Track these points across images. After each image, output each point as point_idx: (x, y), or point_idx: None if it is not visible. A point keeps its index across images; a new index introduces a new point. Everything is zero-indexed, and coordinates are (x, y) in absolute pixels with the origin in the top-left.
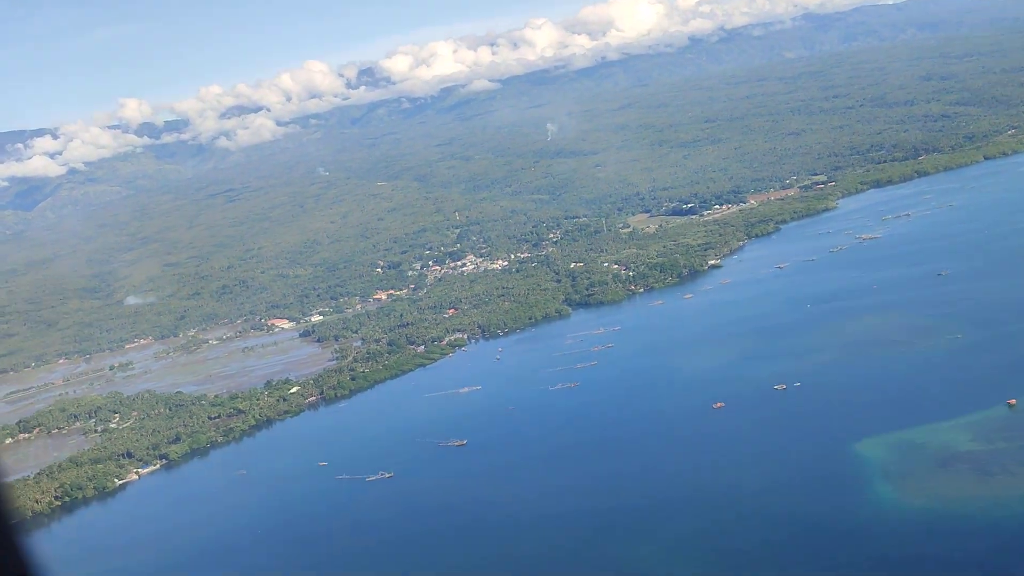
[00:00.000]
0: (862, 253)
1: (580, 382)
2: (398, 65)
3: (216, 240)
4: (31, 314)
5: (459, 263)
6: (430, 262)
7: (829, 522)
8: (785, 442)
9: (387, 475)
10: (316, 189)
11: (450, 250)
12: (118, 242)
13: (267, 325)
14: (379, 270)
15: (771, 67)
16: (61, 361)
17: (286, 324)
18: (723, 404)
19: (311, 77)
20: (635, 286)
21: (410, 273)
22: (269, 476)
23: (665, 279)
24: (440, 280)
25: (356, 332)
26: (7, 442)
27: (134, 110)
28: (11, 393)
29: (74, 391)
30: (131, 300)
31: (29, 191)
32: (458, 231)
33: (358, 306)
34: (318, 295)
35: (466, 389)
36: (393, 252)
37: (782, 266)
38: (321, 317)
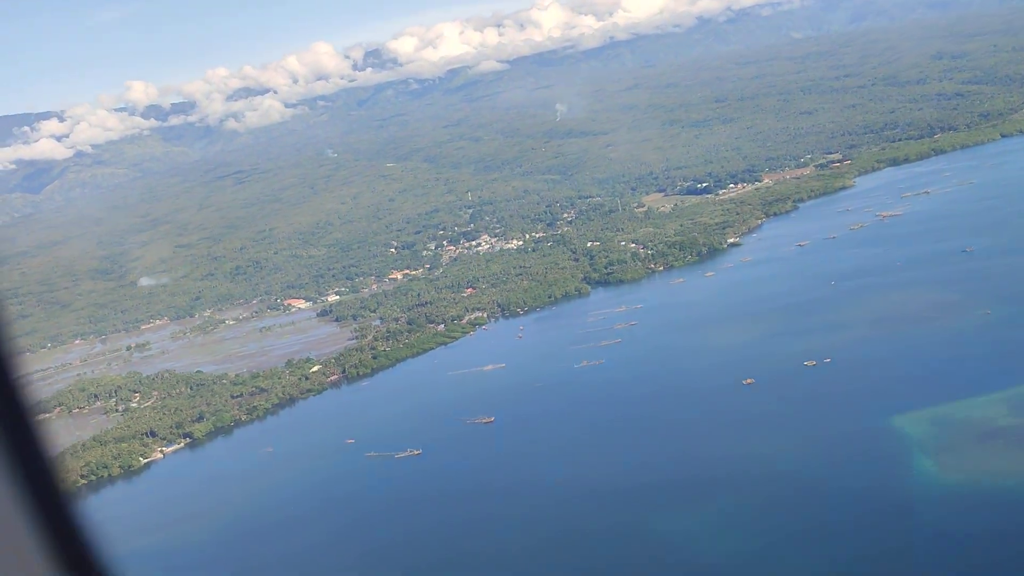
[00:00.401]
0: (883, 230)
1: (605, 360)
2: (404, 47)
3: (227, 222)
4: (44, 295)
5: (473, 243)
6: (444, 242)
7: (875, 496)
8: (820, 418)
9: (415, 452)
10: (325, 170)
11: (464, 230)
12: (128, 224)
13: (283, 305)
14: (393, 250)
15: (779, 47)
16: (77, 342)
17: (302, 304)
18: (753, 380)
19: (317, 59)
20: (654, 264)
21: (424, 253)
22: (297, 454)
23: (684, 257)
24: (455, 260)
25: (374, 311)
26: None
27: (140, 92)
28: (29, 373)
29: (92, 371)
30: (145, 281)
31: (36, 174)
32: (471, 211)
33: (374, 286)
34: (333, 275)
35: (490, 367)
36: (406, 232)
37: (803, 244)
38: (337, 297)
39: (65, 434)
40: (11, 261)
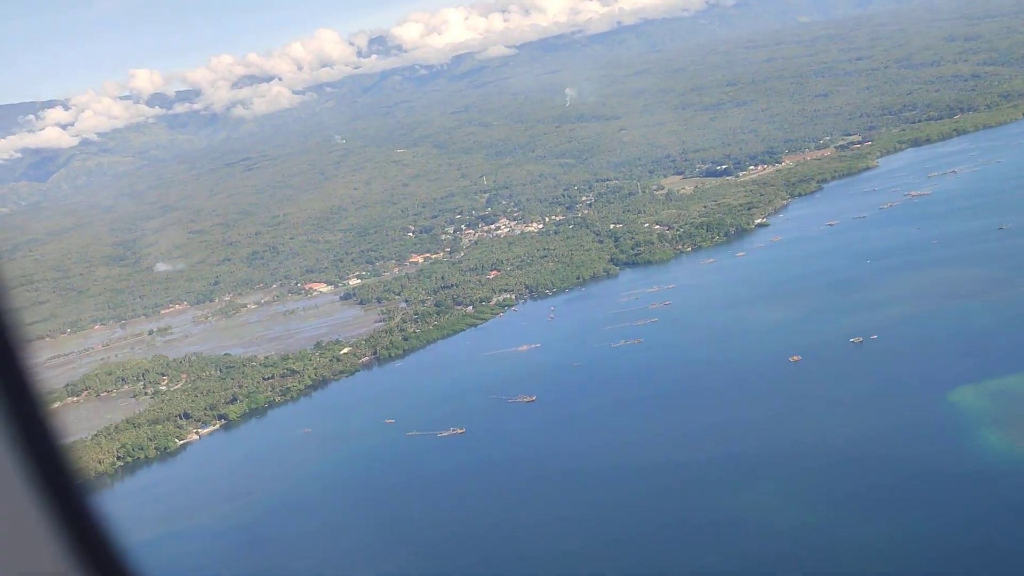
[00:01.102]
0: (914, 209)
1: (644, 339)
2: (409, 33)
3: (239, 208)
4: (60, 281)
5: (492, 226)
6: (463, 226)
7: (940, 467)
8: (875, 392)
9: (459, 431)
10: (335, 157)
11: (481, 214)
12: (138, 211)
13: (304, 289)
14: (411, 234)
15: (787, 31)
16: (96, 327)
17: (324, 288)
18: (799, 357)
19: (322, 46)
20: (682, 245)
21: (443, 237)
22: (337, 434)
23: (712, 238)
24: (476, 243)
25: (398, 294)
26: (56, 405)
27: (145, 80)
28: (51, 358)
29: (115, 355)
30: (161, 267)
31: (42, 162)
32: (487, 195)
33: (395, 269)
34: (352, 259)
35: (525, 347)
36: (423, 217)
37: (833, 223)
38: (359, 280)
39: (94, 417)
40: (23, 248)
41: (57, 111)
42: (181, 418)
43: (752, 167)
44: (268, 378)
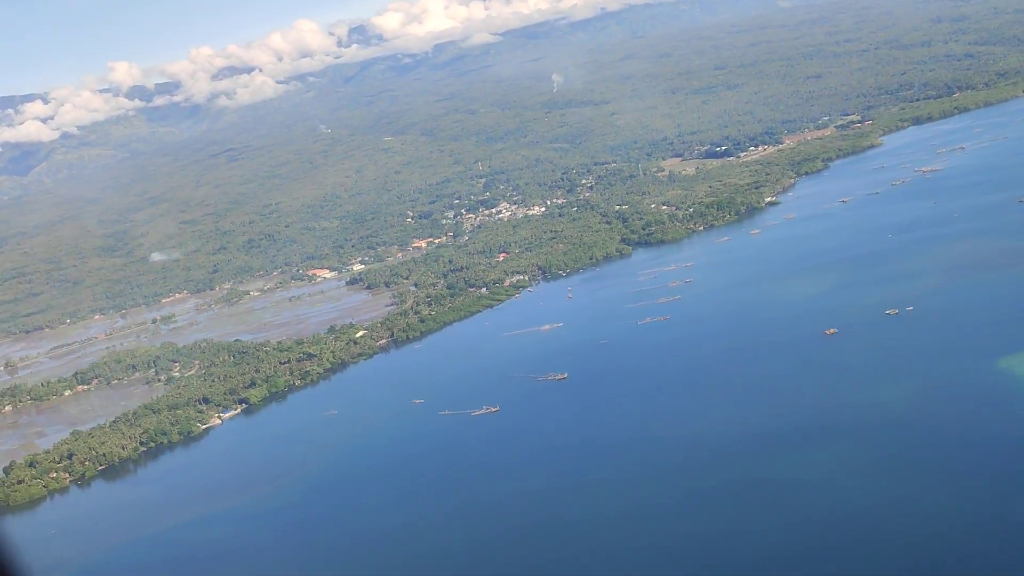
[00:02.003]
0: (927, 185)
1: (670, 315)
2: (389, 22)
3: (229, 197)
4: (53, 273)
5: (493, 210)
6: (463, 210)
7: (1001, 433)
8: (922, 363)
9: (493, 409)
10: (321, 146)
11: (481, 198)
12: (125, 203)
13: (308, 275)
14: (410, 220)
15: (769, 16)
16: (97, 317)
17: (328, 274)
18: (835, 330)
19: (302, 36)
20: (694, 224)
21: (444, 222)
22: (364, 415)
23: (723, 217)
24: (479, 227)
25: (406, 278)
26: (66, 394)
27: (124, 73)
28: (54, 348)
29: (120, 344)
30: (156, 256)
31: (23, 156)
32: (483, 180)
33: (399, 254)
34: (352, 245)
35: (547, 327)
36: (420, 202)
37: (846, 200)
38: (363, 266)
39: (108, 405)
40: (11, 241)
41: (36, 105)
42: (201, 403)
43: (752, 148)
44: (285, 362)
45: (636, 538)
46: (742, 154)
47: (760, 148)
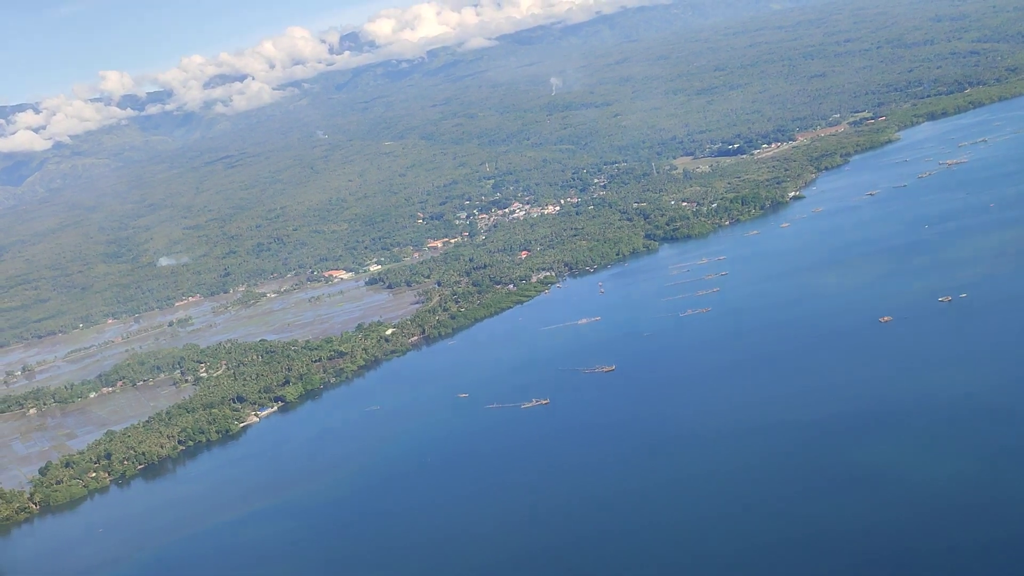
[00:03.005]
0: (955, 177)
1: (711, 308)
2: (382, 29)
3: (231, 203)
4: (59, 279)
5: (506, 210)
6: (475, 211)
7: None
8: (985, 347)
9: (543, 402)
10: (320, 152)
11: (492, 199)
12: (124, 210)
13: (324, 276)
14: (421, 221)
15: (763, 18)
16: (110, 321)
17: (344, 275)
18: (890, 317)
19: (294, 44)
20: (719, 219)
21: (457, 222)
22: (408, 410)
23: (748, 211)
24: (495, 227)
25: (428, 277)
26: (91, 396)
27: (115, 82)
28: (71, 352)
29: (139, 347)
30: (164, 261)
31: (15, 166)
32: (491, 182)
33: (415, 255)
34: (365, 247)
35: (584, 321)
36: (430, 204)
37: (873, 193)
38: (379, 266)
39: (137, 405)
40: (11, 249)
41: (28, 115)
42: (235, 401)
43: (765, 145)
44: (317, 360)
45: (736, 530)
46: (755, 151)
47: (773, 145)
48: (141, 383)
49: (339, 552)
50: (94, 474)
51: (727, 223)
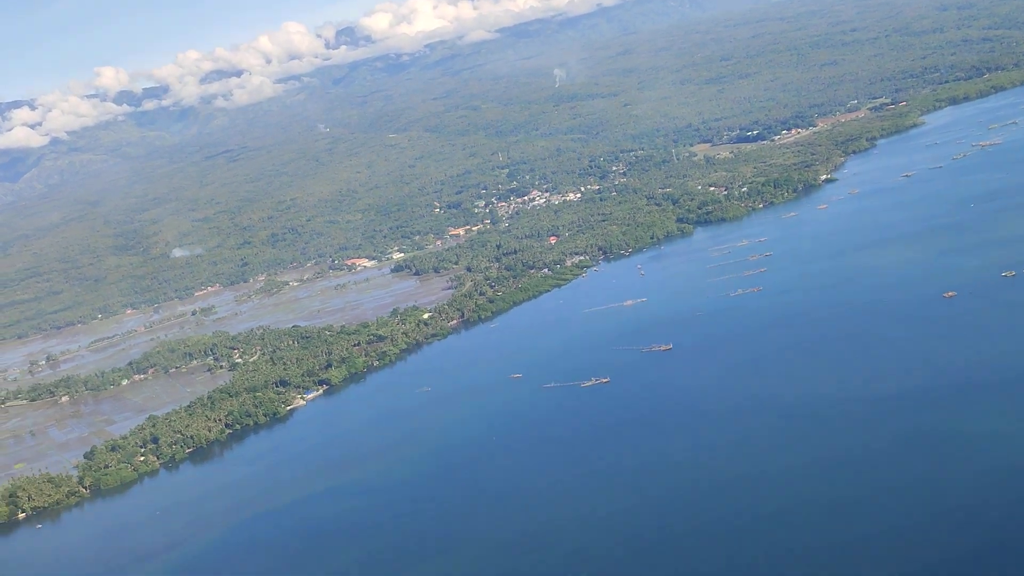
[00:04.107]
0: (990, 158)
1: (762, 287)
2: (378, 23)
3: (238, 196)
4: (70, 272)
5: (525, 198)
6: (493, 199)
7: None
8: None
9: (603, 380)
10: (323, 145)
11: (509, 187)
12: (128, 204)
13: (346, 265)
14: (438, 210)
15: (762, 10)
16: (128, 312)
17: (367, 263)
18: (954, 293)
19: (290, 39)
20: (752, 202)
21: (476, 211)
22: (462, 391)
23: (781, 194)
24: (517, 214)
25: (456, 263)
26: (123, 383)
27: (111, 78)
28: (94, 342)
29: (164, 335)
30: (178, 252)
31: (12, 163)
32: (506, 171)
33: (437, 243)
34: (384, 236)
35: (630, 302)
36: (445, 194)
37: (909, 174)
38: (402, 254)
39: (172, 391)
40: (16, 244)
41: (24, 111)
42: (278, 385)
43: (785, 131)
44: (356, 345)
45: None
46: (775, 137)
47: (793, 131)
48: (173, 370)
49: (425, 528)
50: (143, 458)
51: (761, 206)
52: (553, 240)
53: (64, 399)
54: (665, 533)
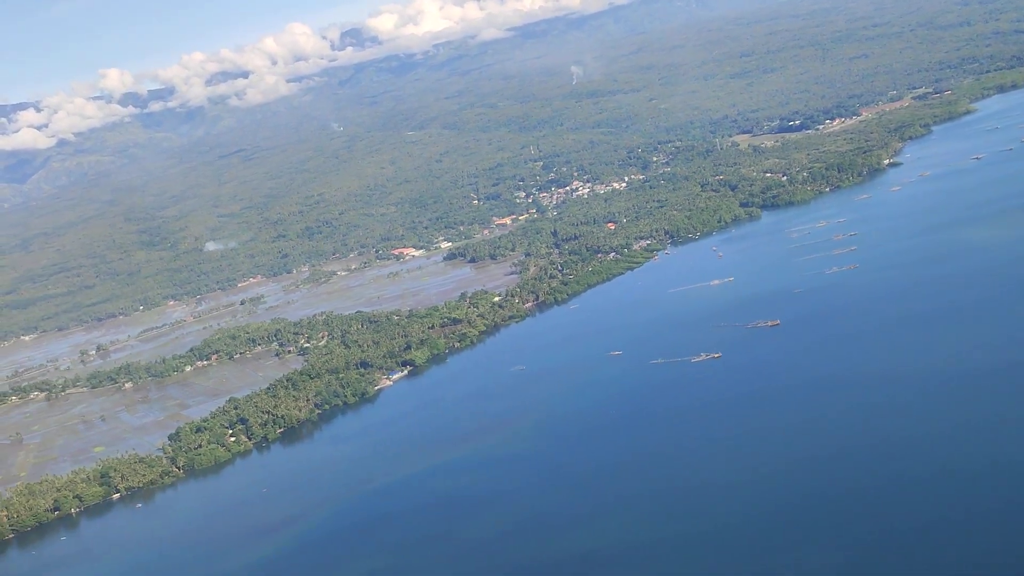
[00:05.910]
0: None
1: (858, 264)
2: (384, 24)
3: (261, 192)
4: (99, 267)
5: (567, 188)
6: (534, 189)
7: None
8: None
9: (715, 355)
10: (339, 143)
11: (547, 178)
12: (147, 202)
13: (393, 255)
14: (476, 201)
15: (772, 8)
16: (171, 303)
17: (415, 252)
18: None
19: (295, 40)
20: (818, 186)
21: (518, 201)
22: (561, 369)
23: (846, 178)
24: (564, 203)
25: (512, 250)
26: (187, 369)
27: (116, 80)
28: (143, 332)
29: (216, 324)
30: (212, 246)
31: (19, 164)
32: (540, 163)
33: (485, 232)
34: (425, 227)
35: (716, 282)
36: (481, 186)
37: (979, 157)
38: (449, 243)
39: (243, 375)
40: (36, 241)
41: (29, 113)
42: (360, 367)
43: (828, 121)
44: (430, 327)
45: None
46: (819, 127)
47: (837, 120)
48: (238, 356)
49: (562, 497)
50: (233, 438)
51: (827, 190)
52: (611, 226)
53: (128, 386)
54: (830, 494)
